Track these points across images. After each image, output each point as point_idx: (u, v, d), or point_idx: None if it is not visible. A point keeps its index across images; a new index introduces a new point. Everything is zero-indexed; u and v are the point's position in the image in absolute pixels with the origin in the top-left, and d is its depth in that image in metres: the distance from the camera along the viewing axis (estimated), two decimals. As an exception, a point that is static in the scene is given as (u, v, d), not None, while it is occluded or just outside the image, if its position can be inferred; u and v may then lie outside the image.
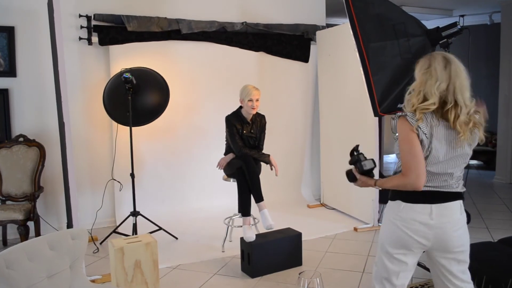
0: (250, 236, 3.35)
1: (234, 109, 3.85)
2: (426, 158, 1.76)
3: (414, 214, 1.76)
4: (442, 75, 1.72)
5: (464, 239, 1.84)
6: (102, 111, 4.23)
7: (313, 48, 5.47)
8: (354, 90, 4.46)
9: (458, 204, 1.81)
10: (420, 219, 1.76)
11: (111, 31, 4.48)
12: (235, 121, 3.75)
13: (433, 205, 1.75)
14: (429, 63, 1.77)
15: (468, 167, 1.91)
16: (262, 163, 3.84)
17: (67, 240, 2.03)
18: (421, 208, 1.76)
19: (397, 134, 1.83)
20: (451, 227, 1.78)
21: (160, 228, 4.11)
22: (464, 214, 1.86)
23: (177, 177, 4.93)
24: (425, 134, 1.73)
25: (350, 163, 2.01)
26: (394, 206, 1.84)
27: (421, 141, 1.74)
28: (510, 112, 6.54)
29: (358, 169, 1.97)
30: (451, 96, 1.72)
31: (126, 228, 4.08)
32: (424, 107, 1.71)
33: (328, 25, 5.52)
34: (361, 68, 3.09)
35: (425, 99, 1.74)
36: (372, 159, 1.98)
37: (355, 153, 1.99)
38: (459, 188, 1.83)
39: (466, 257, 1.87)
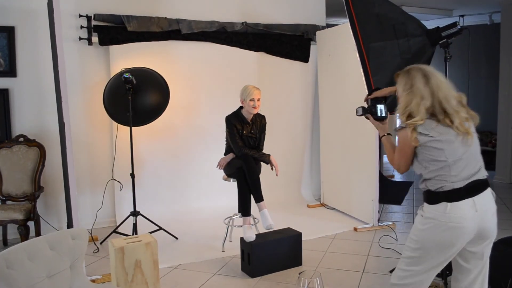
0: (250, 236, 3.35)
1: (234, 109, 3.85)
2: (442, 161, 1.88)
3: (461, 211, 1.86)
4: (425, 92, 1.88)
5: (496, 223, 1.97)
6: (102, 111, 4.23)
7: (313, 48, 5.47)
8: (354, 90, 4.46)
9: (490, 191, 1.95)
10: (467, 214, 1.86)
11: (111, 31, 4.48)
12: (235, 121, 3.75)
13: (474, 198, 1.87)
14: (411, 83, 1.92)
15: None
16: (262, 163, 3.84)
17: (67, 240, 2.03)
18: (466, 204, 1.86)
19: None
20: (490, 211, 1.93)
21: (160, 228, 4.11)
22: (494, 199, 1.99)
23: (177, 177, 4.93)
24: (426, 134, 1.87)
25: (366, 111, 2.29)
26: (438, 208, 1.89)
27: (426, 144, 1.88)
28: (510, 112, 6.53)
29: (373, 115, 2.27)
30: (439, 108, 1.87)
31: (126, 228, 4.08)
32: (413, 123, 1.88)
33: (328, 25, 5.52)
34: (361, 68, 3.10)
35: (411, 116, 1.90)
36: (384, 104, 2.27)
37: (369, 103, 2.31)
38: (485, 175, 1.96)
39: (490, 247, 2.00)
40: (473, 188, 1.88)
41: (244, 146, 3.75)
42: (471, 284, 2.01)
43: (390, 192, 5.71)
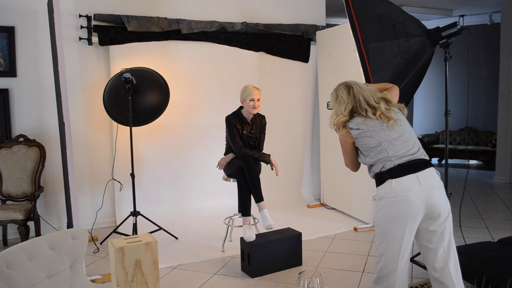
0: (250, 236, 3.36)
1: (234, 109, 3.85)
2: (377, 146, 2.15)
3: (406, 185, 2.06)
4: (348, 99, 2.24)
5: (445, 197, 2.15)
6: (102, 111, 4.23)
7: (313, 48, 5.47)
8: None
9: (433, 169, 2.16)
10: (412, 187, 2.06)
11: (111, 31, 4.48)
12: (235, 121, 3.75)
13: (417, 173, 2.08)
14: (337, 94, 2.30)
15: (468, 167, 2.02)
16: (262, 163, 3.84)
17: (67, 240, 2.03)
18: (409, 178, 2.07)
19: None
20: (435, 186, 2.11)
21: (160, 228, 4.11)
22: (439, 177, 2.19)
23: (177, 177, 4.94)
24: (357, 128, 2.18)
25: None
26: (385, 186, 2.11)
27: (358, 136, 2.18)
28: (509, 112, 6.53)
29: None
30: (363, 107, 2.20)
31: (126, 228, 4.08)
32: (338, 120, 2.25)
33: (328, 25, 5.53)
34: (361, 68, 3.09)
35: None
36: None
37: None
38: (426, 157, 2.19)
39: (450, 225, 2.15)
40: (415, 165, 2.09)
41: (244, 146, 3.76)
42: (443, 266, 2.11)
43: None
